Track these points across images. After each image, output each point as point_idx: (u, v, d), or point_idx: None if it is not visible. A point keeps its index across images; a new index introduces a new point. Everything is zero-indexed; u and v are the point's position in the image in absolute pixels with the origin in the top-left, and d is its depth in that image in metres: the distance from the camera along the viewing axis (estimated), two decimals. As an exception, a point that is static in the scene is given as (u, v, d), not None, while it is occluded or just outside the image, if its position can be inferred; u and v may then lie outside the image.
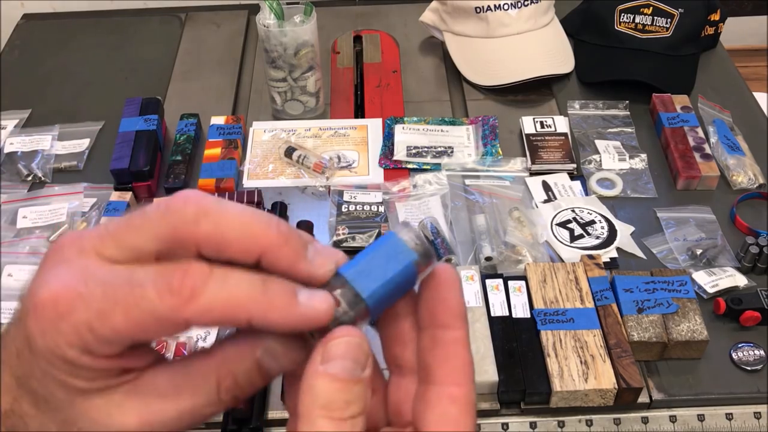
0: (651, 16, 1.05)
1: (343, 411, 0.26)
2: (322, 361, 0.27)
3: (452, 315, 0.30)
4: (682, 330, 0.71)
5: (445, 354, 0.29)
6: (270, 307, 0.27)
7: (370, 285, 0.28)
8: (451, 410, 0.29)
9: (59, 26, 1.24)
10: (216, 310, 0.26)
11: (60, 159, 0.97)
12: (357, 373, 0.27)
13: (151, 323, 0.26)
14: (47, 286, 0.27)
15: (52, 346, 0.26)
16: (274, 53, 0.96)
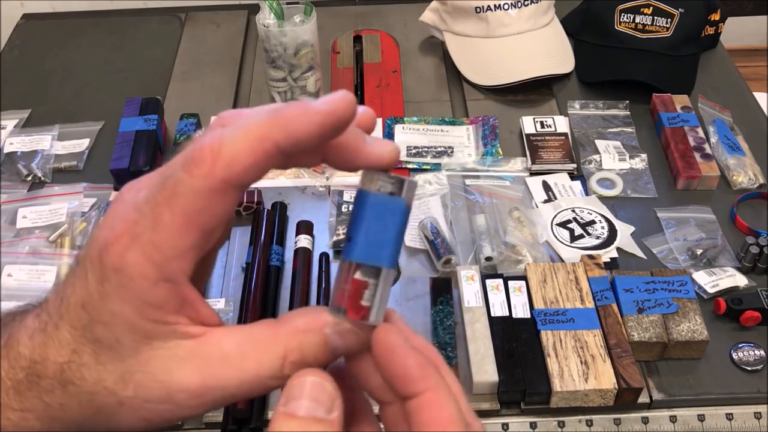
0: (651, 16, 1.05)
1: None
2: (283, 403, 0.27)
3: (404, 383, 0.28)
4: (682, 330, 0.71)
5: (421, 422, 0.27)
6: (288, 121, 0.27)
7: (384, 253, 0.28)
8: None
9: (59, 26, 1.24)
10: (241, 153, 0.26)
11: (60, 159, 0.97)
12: (318, 413, 0.26)
13: (198, 203, 0.26)
14: (108, 225, 0.28)
15: (126, 279, 0.27)
16: (274, 53, 0.96)
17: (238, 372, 0.28)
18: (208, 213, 0.27)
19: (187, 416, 0.29)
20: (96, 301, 0.27)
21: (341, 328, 0.28)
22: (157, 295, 0.27)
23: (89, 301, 0.28)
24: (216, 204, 0.27)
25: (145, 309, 0.27)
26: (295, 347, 0.28)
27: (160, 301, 0.27)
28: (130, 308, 0.27)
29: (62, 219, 0.87)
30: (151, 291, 0.27)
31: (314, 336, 0.28)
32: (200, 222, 0.27)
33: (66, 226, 0.86)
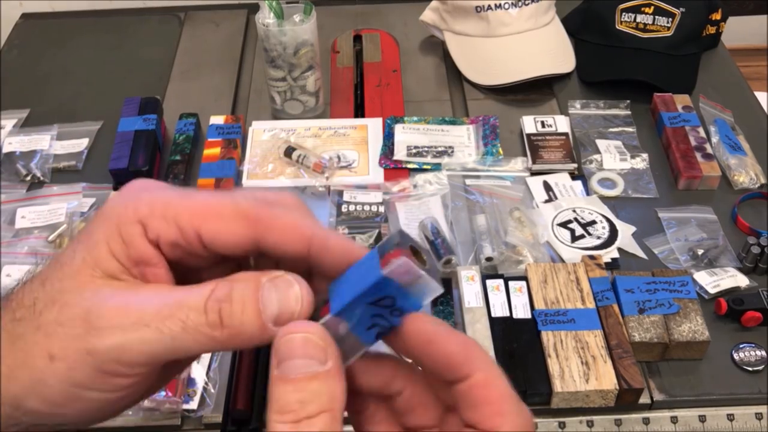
0: (652, 16, 1.05)
1: (298, 412, 0.25)
2: (275, 365, 0.26)
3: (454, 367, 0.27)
4: (683, 330, 0.71)
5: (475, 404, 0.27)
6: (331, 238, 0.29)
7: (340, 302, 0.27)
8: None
9: (58, 26, 1.24)
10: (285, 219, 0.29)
11: (59, 159, 0.97)
12: (311, 369, 0.26)
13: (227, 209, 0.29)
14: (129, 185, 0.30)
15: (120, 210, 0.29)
16: (273, 52, 0.96)
17: (162, 297, 0.27)
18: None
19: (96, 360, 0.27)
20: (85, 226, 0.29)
21: (280, 279, 0.27)
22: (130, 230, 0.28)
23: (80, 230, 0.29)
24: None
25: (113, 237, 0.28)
26: (226, 284, 0.27)
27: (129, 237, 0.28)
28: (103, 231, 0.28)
29: (61, 219, 0.87)
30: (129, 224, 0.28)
31: (248, 280, 0.27)
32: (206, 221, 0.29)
33: (65, 226, 0.86)
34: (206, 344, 0.27)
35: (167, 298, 0.27)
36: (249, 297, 0.27)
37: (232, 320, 0.26)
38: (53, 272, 0.29)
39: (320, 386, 0.26)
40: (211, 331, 0.26)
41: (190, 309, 0.26)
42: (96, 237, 0.29)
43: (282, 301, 0.27)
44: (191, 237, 0.29)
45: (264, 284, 0.27)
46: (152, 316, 0.26)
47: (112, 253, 0.28)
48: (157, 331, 0.26)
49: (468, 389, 0.27)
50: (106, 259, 0.28)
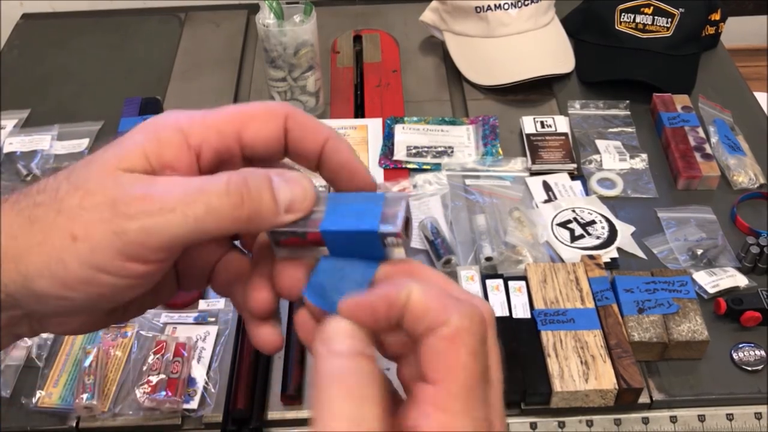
0: (651, 16, 1.05)
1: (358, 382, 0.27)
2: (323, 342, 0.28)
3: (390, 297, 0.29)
4: (682, 330, 0.71)
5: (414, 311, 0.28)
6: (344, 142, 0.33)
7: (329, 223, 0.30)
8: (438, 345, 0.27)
9: (58, 26, 1.24)
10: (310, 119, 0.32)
11: (59, 159, 0.97)
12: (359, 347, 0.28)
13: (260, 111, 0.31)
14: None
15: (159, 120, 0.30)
16: (273, 53, 0.96)
17: (184, 184, 0.28)
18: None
19: (121, 242, 0.28)
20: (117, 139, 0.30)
21: (286, 174, 0.30)
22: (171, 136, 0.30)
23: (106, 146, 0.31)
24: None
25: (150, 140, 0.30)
26: (240, 174, 0.29)
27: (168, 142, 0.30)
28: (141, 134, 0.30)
29: (62, 219, 0.87)
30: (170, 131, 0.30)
31: (259, 173, 0.29)
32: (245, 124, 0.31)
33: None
34: (226, 224, 0.29)
35: (189, 185, 0.28)
36: (264, 185, 0.29)
37: (252, 200, 0.29)
38: (80, 167, 0.30)
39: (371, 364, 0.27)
40: (233, 211, 0.28)
41: (212, 193, 0.28)
42: (132, 139, 0.30)
43: (293, 191, 0.30)
44: (232, 141, 0.31)
45: (274, 178, 0.29)
46: (177, 201, 0.28)
47: (145, 153, 0.29)
48: (182, 214, 0.28)
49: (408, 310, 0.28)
50: (136, 156, 0.29)
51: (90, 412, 0.68)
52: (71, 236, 0.28)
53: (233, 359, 0.72)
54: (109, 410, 0.69)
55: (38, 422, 0.69)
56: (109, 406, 0.69)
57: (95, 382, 0.69)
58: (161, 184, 0.29)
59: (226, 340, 0.74)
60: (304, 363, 0.72)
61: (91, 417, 0.69)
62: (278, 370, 0.72)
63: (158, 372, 0.69)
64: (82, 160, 0.31)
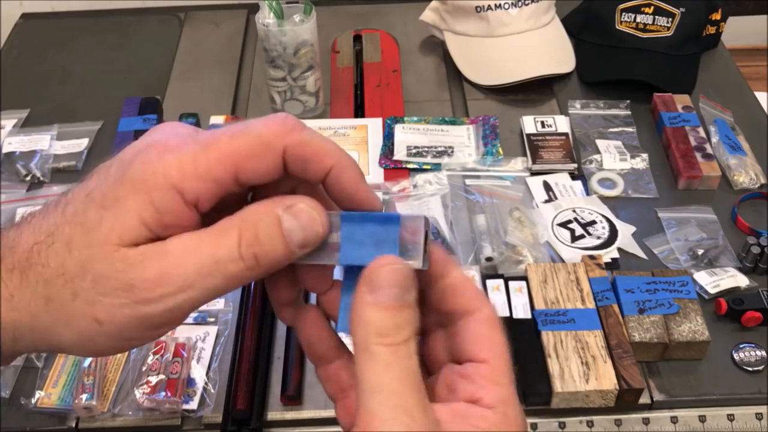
0: (652, 16, 1.05)
1: (396, 336, 0.28)
2: (369, 291, 0.28)
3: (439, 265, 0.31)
4: (683, 330, 0.71)
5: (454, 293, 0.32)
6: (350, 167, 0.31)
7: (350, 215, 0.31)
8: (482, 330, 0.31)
9: (58, 26, 1.24)
10: (311, 145, 0.30)
11: (59, 159, 0.96)
12: (404, 298, 0.28)
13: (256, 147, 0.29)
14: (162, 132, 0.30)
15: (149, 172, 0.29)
16: (273, 52, 0.96)
17: (197, 257, 0.28)
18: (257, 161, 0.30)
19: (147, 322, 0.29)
20: (108, 188, 0.29)
21: (294, 209, 0.29)
22: (165, 198, 0.28)
23: (99, 188, 0.29)
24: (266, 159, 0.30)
25: (145, 207, 0.28)
26: (249, 227, 0.29)
27: (164, 206, 0.29)
28: (134, 200, 0.28)
29: (61, 219, 0.87)
30: (163, 192, 0.28)
31: (267, 216, 0.29)
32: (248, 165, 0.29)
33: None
34: (244, 281, 0.29)
35: (200, 257, 0.28)
36: (275, 233, 0.29)
37: (267, 258, 0.29)
38: (78, 237, 0.29)
39: (410, 314, 0.29)
40: (251, 273, 0.29)
41: (227, 262, 0.28)
42: (126, 206, 0.29)
43: (305, 229, 0.29)
44: (229, 185, 0.30)
45: (282, 217, 0.29)
46: (194, 278, 0.28)
47: (144, 223, 0.29)
48: (202, 289, 0.28)
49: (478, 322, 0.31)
50: (136, 228, 0.29)
51: (89, 412, 0.68)
52: (96, 321, 0.29)
53: (233, 359, 0.72)
54: (108, 411, 0.68)
55: (37, 423, 0.69)
56: (109, 407, 0.69)
57: (94, 383, 0.68)
58: (173, 258, 0.28)
59: (225, 340, 0.74)
60: (304, 363, 0.72)
61: (91, 417, 0.68)
62: (278, 371, 0.72)
63: (158, 372, 0.69)
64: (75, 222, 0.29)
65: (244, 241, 0.28)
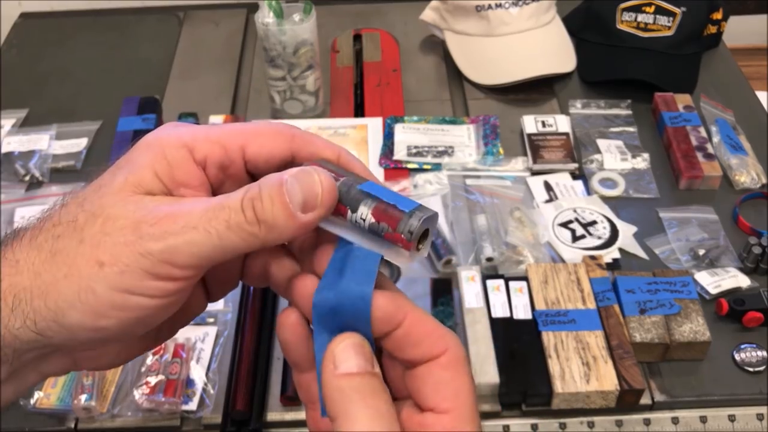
0: (653, 15, 1.04)
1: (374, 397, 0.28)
2: (335, 366, 0.29)
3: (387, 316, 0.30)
4: (684, 331, 0.71)
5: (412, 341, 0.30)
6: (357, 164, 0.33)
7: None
8: (444, 375, 0.29)
9: (57, 25, 1.23)
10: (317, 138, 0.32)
11: (57, 159, 0.96)
12: (369, 368, 0.29)
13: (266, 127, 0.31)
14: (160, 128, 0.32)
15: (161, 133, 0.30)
16: (273, 52, 0.96)
17: (205, 203, 0.29)
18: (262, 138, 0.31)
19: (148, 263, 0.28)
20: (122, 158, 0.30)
21: (300, 172, 0.29)
22: (176, 154, 0.30)
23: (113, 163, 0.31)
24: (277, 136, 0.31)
25: (158, 160, 0.30)
26: (255, 185, 0.29)
27: (176, 160, 0.30)
28: (147, 154, 0.30)
29: (60, 219, 0.86)
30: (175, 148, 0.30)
31: (273, 177, 0.29)
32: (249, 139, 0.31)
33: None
34: (250, 240, 0.29)
35: (209, 203, 0.29)
36: (275, 191, 0.29)
37: (265, 214, 0.28)
38: (92, 193, 0.30)
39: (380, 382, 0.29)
40: (251, 227, 0.28)
41: (230, 209, 0.28)
42: (139, 161, 0.30)
43: (305, 189, 0.29)
44: (236, 155, 0.31)
45: (287, 179, 0.29)
46: (198, 219, 0.28)
47: (157, 175, 0.30)
48: (205, 231, 0.28)
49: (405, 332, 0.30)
50: (149, 179, 0.30)
51: (88, 413, 0.68)
52: (98, 263, 0.28)
53: (232, 360, 0.72)
54: (107, 411, 0.68)
55: (36, 423, 0.69)
56: (108, 408, 0.68)
57: (94, 383, 0.68)
58: (184, 204, 0.29)
59: (225, 341, 0.74)
60: (304, 364, 0.72)
61: (90, 418, 0.68)
62: (277, 371, 0.72)
63: (157, 373, 0.69)
64: (90, 186, 0.30)
65: (247, 195, 0.29)
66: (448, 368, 0.29)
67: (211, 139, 0.31)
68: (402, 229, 0.29)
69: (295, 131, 0.32)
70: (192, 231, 0.28)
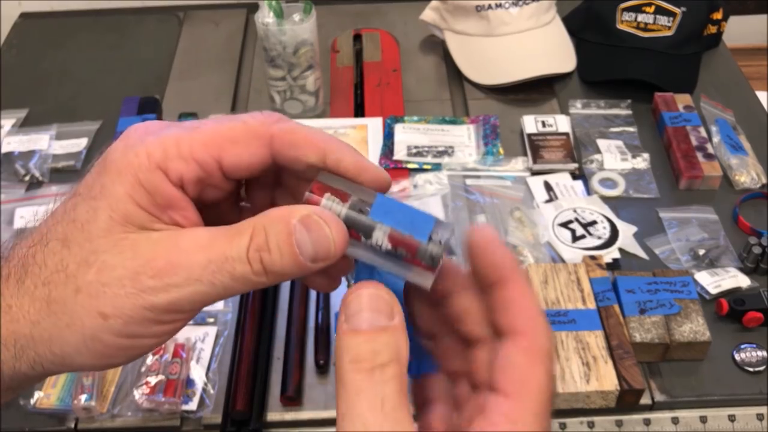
0: (653, 15, 1.04)
1: (371, 361, 0.26)
2: (345, 320, 0.27)
3: (498, 269, 0.29)
4: (684, 331, 0.71)
5: (506, 306, 0.28)
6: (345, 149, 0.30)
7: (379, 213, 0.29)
8: (518, 359, 0.27)
9: (57, 25, 1.23)
10: (299, 132, 0.30)
11: (57, 159, 0.96)
12: (380, 322, 0.27)
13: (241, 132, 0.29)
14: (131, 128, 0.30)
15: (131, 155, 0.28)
16: (273, 52, 0.96)
17: (207, 252, 0.28)
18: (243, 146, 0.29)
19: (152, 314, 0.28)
20: (92, 179, 0.29)
21: (309, 221, 0.28)
22: (152, 178, 0.28)
23: (84, 183, 0.29)
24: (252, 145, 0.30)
25: (135, 189, 0.28)
26: (261, 231, 0.28)
27: (152, 186, 0.28)
28: (122, 184, 0.28)
29: (60, 219, 0.86)
30: (149, 172, 0.28)
31: (280, 223, 0.28)
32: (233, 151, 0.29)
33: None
34: (255, 287, 0.28)
35: (211, 252, 0.28)
36: (284, 242, 0.28)
37: (274, 267, 0.28)
38: (75, 234, 0.28)
39: (389, 338, 0.27)
40: (257, 278, 0.28)
41: (235, 261, 0.28)
42: (115, 191, 0.28)
43: (316, 244, 0.28)
44: (212, 169, 0.29)
45: (296, 227, 0.28)
46: (201, 271, 0.27)
47: (139, 205, 0.28)
48: (210, 284, 0.28)
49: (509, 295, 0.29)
50: (133, 212, 0.28)
51: (88, 413, 0.68)
52: (100, 315, 0.28)
53: (232, 360, 0.72)
54: (107, 411, 0.68)
55: (36, 423, 0.69)
56: (108, 408, 0.68)
57: (94, 383, 0.68)
58: (182, 247, 0.28)
59: (225, 340, 0.74)
60: (304, 364, 0.72)
61: (90, 418, 0.68)
62: (277, 371, 0.72)
63: (157, 373, 0.69)
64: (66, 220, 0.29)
65: (253, 244, 0.28)
66: (525, 353, 0.27)
67: (183, 156, 0.29)
68: (422, 256, 0.28)
69: (274, 130, 0.30)
70: (195, 283, 0.27)
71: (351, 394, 0.26)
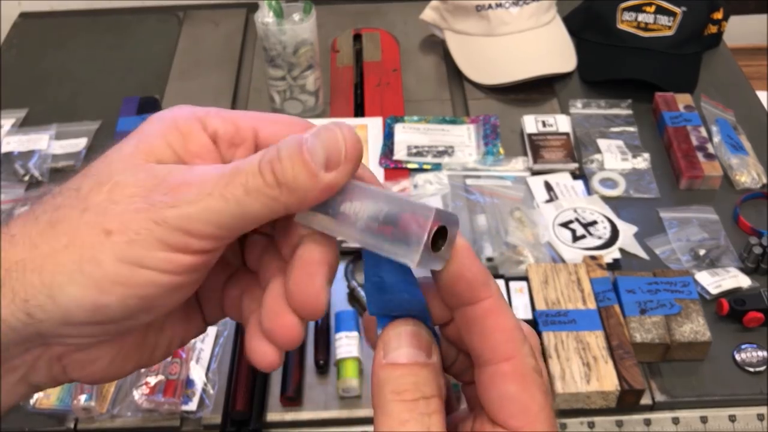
0: (653, 15, 1.04)
1: (414, 392, 0.26)
2: (383, 355, 0.27)
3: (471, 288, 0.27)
4: (684, 331, 0.71)
5: (481, 330, 0.27)
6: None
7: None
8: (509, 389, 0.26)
9: (57, 25, 1.23)
10: None
11: (57, 159, 0.96)
12: (420, 358, 0.27)
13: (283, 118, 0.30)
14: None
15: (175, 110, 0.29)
16: (273, 52, 0.95)
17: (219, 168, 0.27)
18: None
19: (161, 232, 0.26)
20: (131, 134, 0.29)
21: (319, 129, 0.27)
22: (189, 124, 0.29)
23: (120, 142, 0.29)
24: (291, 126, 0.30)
25: (170, 129, 0.28)
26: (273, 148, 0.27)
27: (188, 130, 0.29)
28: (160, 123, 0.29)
29: (60, 219, 0.86)
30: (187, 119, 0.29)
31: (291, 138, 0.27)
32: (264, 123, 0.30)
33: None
34: (270, 205, 0.26)
35: (224, 169, 0.27)
36: (294, 150, 0.26)
37: (285, 176, 0.26)
38: (97, 164, 0.28)
39: (430, 374, 0.27)
40: (270, 191, 0.26)
41: (248, 173, 0.26)
42: (150, 130, 0.28)
43: (327, 145, 0.27)
44: (248, 135, 0.29)
45: (306, 138, 0.27)
46: (213, 185, 0.26)
47: (169, 144, 0.28)
48: (222, 198, 0.26)
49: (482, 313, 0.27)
50: (161, 148, 0.28)
51: (88, 413, 0.68)
52: (104, 231, 0.25)
53: (232, 360, 0.72)
54: (107, 412, 0.68)
55: (36, 424, 0.69)
56: (108, 408, 0.68)
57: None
58: (197, 170, 0.27)
59: (224, 341, 0.74)
60: (304, 364, 0.72)
61: (90, 418, 0.68)
62: (277, 372, 0.72)
63: (156, 373, 0.69)
64: (96, 160, 0.29)
65: (266, 156, 0.26)
66: (513, 380, 0.26)
67: (223, 116, 0.29)
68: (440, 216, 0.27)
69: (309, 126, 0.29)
70: (207, 198, 0.26)
71: (395, 423, 0.26)
